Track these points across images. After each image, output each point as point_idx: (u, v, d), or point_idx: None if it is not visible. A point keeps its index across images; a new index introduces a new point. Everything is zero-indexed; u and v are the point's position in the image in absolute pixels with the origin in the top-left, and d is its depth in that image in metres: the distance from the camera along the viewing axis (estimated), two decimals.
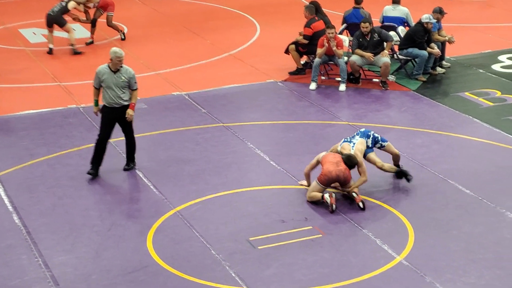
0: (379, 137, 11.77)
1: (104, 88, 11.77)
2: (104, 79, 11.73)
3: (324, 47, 15.61)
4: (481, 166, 12.30)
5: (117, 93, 11.73)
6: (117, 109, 11.83)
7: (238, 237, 10.27)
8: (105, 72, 11.75)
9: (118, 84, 11.72)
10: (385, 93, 15.66)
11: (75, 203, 11.28)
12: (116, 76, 11.73)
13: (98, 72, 11.81)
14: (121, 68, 11.75)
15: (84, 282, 9.36)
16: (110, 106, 11.81)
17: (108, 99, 11.78)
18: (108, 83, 11.72)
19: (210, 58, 17.95)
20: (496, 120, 14.11)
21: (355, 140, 11.48)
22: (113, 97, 11.74)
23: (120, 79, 11.72)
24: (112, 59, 11.68)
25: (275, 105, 15.09)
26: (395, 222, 10.65)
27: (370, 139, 11.66)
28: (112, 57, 11.68)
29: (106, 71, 11.75)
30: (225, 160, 12.61)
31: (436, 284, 9.22)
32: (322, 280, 9.32)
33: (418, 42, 15.98)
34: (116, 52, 11.65)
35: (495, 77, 16.39)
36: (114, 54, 11.65)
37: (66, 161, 12.58)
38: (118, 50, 11.68)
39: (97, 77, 11.81)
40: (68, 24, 18.21)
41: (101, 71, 11.79)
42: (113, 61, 11.69)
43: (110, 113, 11.87)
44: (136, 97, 11.95)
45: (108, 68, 11.76)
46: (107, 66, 11.77)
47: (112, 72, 11.72)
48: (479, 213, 10.86)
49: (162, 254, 9.88)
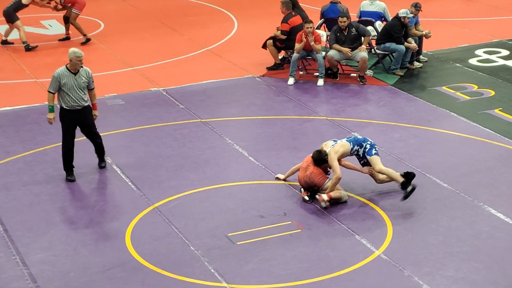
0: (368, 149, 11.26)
1: (64, 91, 11.38)
2: (64, 83, 11.34)
3: (302, 42, 15.61)
4: (458, 159, 12.36)
5: (79, 95, 11.43)
6: (79, 111, 11.51)
7: (217, 233, 10.26)
8: (65, 75, 11.36)
9: (80, 85, 11.42)
10: (363, 87, 15.69)
11: (52, 200, 11.21)
12: (76, 77, 11.40)
13: (57, 76, 11.37)
14: (81, 68, 11.44)
15: (62, 279, 9.31)
16: (72, 109, 11.46)
17: (70, 102, 11.40)
18: (70, 86, 11.36)
19: (187, 53, 17.91)
20: (473, 114, 14.18)
21: (340, 141, 11.33)
22: (76, 100, 11.41)
23: (81, 80, 11.42)
24: (72, 59, 11.31)
25: (253, 101, 15.08)
26: (373, 216, 10.67)
27: (361, 148, 11.25)
28: (71, 58, 11.31)
29: (66, 74, 11.37)
30: (203, 156, 12.58)
31: (415, 277, 9.26)
32: (301, 275, 9.32)
33: (395, 36, 16.02)
34: (76, 52, 11.30)
35: (472, 71, 16.48)
36: (74, 54, 11.29)
37: (42, 158, 12.50)
38: (78, 50, 11.33)
39: (56, 81, 11.36)
40: (19, 21, 17.89)
41: (60, 74, 11.38)
42: (73, 61, 11.33)
43: (73, 116, 11.53)
44: (96, 96, 11.80)
45: (67, 71, 11.39)
46: (66, 69, 11.40)
47: (72, 73, 11.38)
48: (456, 206, 10.91)
49: (140, 251, 9.84)
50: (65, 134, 11.62)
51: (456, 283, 9.14)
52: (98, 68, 16.93)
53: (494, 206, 10.87)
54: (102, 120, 13.85)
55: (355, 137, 11.46)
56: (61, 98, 11.46)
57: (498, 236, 10.13)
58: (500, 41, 18.44)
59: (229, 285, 9.16)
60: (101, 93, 15.26)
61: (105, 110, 14.35)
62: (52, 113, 11.64)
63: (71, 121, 11.56)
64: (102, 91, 15.42)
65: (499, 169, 12.01)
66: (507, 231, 10.24)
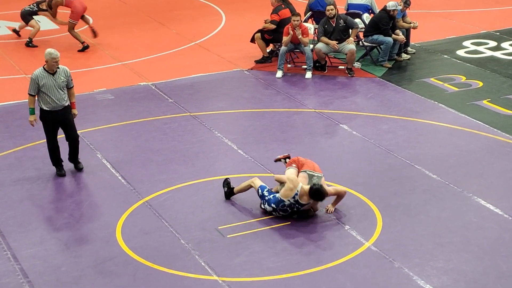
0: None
1: (44, 93, 11.28)
2: (43, 84, 11.23)
3: (290, 35, 15.62)
4: (447, 151, 12.41)
5: (59, 95, 11.33)
6: (59, 111, 11.41)
7: (207, 226, 10.28)
8: (43, 76, 11.26)
9: (59, 85, 11.32)
10: (351, 80, 15.73)
11: (43, 195, 11.21)
12: (55, 77, 11.30)
13: (35, 78, 11.27)
14: (58, 69, 11.33)
15: (54, 274, 9.31)
16: (53, 110, 11.37)
17: (50, 103, 11.31)
18: (49, 87, 11.26)
19: (176, 47, 17.90)
20: (461, 105, 14.23)
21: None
22: (56, 100, 11.32)
23: (60, 80, 11.32)
24: (48, 61, 11.23)
25: (241, 94, 15.09)
26: (363, 208, 10.71)
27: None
28: (47, 59, 11.23)
29: (44, 75, 11.27)
30: (193, 149, 12.59)
31: (405, 269, 9.30)
32: (291, 267, 9.35)
33: (383, 29, 16.06)
34: (52, 53, 11.20)
35: (460, 63, 16.53)
36: (50, 55, 11.19)
37: (33, 153, 12.49)
38: (53, 51, 11.22)
39: (35, 83, 11.27)
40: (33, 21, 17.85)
41: (39, 75, 11.28)
42: (49, 63, 11.24)
43: (53, 117, 11.44)
44: (74, 95, 11.66)
45: (44, 72, 11.30)
46: (43, 70, 11.31)
47: (50, 74, 11.28)
48: (446, 197, 10.96)
49: (131, 245, 9.86)
50: (48, 134, 11.59)
51: (446, 274, 9.19)
52: (87, 63, 16.93)
53: (483, 196, 10.93)
54: (91, 114, 13.87)
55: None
56: (41, 99, 11.37)
57: (488, 227, 10.19)
58: (487, 32, 18.49)
59: (219, 278, 9.18)
60: (90, 88, 15.28)
61: (95, 104, 14.35)
62: (33, 115, 11.55)
63: (52, 121, 11.49)
64: (91, 86, 15.43)
65: (488, 160, 12.07)
66: (496, 222, 10.30)
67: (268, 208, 10.40)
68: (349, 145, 12.75)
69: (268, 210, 10.43)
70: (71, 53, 17.39)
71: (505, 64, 16.34)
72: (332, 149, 12.60)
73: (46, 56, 11.23)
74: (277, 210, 10.36)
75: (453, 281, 9.07)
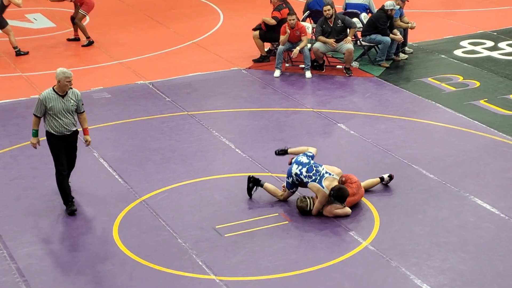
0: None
1: (51, 116, 10.34)
2: (51, 106, 10.28)
3: (287, 34, 15.62)
4: (444, 150, 12.42)
5: (68, 119, 10.41)
6: (68, 136, 10.53)
7: (205, 225, 10.27)
8: (52, 98, 10.30)
9: (68, 109, 10.38)
10: (348, 79, 15.73)
11: (39, 194, 11.19)
12: (64, 100, 10.35)
13: (43, 99, 10.30)
14: (71, 89, 10.42)
15: (50, 273, 9.30)
16: (61, 134, 10.46)
17: (58, 127, 10.40)
18: (58, 110, 10.32)
19: (173, 46, 17.89)
20: (459, 105, 14.23)
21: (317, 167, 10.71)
22: (65, 125, 10.41)
23: (69, 103, 10.37)
24: (60, 80, 10.25)
25: (239, 93, 15.08)
26: (360, 207, 10.70)
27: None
28: (60, 79, 10.24)
29: (53, 97, 10.31)
30: (190, 149, 12.58)
31: (402, 268, 9.30)
32: (289, 266, 9.35)
33: (380, 28, 16.06)
34: (65, 72, 10.24)
35: (457, 63, 16.53)
36: (63, 74, 10.22)
37: (29, 152, 12.45)
38: (67, 70, 10.28)
39: (42, 105, 10.31)
40: (8, 26, 17.03)
41: (47, 97, 10.31)
42: (61, 83, 10.26)
43: (61, 142, 10.54)
44: (86, 120, 10.77)
45: (54, 93, 10.33)
46: (53, 91, 10.35)
47: (60, 96, 10.33)
48: (443, 197, 10.96)
49: (128, 244, 9.85)
50: (57, 160, 10.62)
51: (442, 273, 9.19)
52: (84, 62, 16.90)
53: (480, 196, 10.93)
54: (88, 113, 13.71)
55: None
56: (48, 123, 10.44)
57: (485, 226, 10.19)
58: (484, 32, 18.50)
59: (217, 277, 9.18)
60: (87, 87, 15.25)
61: (91, 103, 14.32)
62: (35, 137, 10.66)
63: (61, 146, 10.57)
64: (88, 84, 15.41)
65: (485, 160, 12.07)
66: (493, 221, 10.30)
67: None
68: (346, 144, 12.75)
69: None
70: (67, 52, 17.37)
71: (502, 64, 16.34)
72: (329, 148, 12.59)
73: (59, 76, 10.24)
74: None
75: (450, 280, 9.07)
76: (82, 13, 17.78)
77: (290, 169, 10.69)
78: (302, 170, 10.54)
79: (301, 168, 10.55)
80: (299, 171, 10.54)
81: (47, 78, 15.29)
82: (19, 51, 17.20)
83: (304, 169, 10.54)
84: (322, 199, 10.36)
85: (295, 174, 10.56)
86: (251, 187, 10.94)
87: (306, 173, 10.50)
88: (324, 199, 10.36)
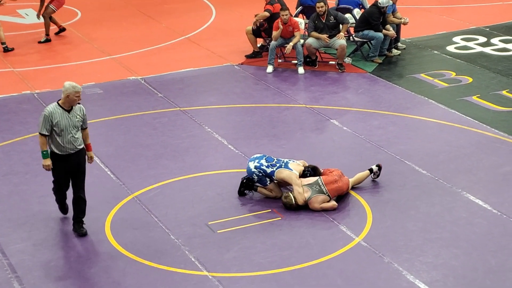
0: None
1: (56, 133, 9.55)
2: (57, 122, 9.49)
3: (279, 29, 15.61)
4: (437, 146, 12.42)
5: (74, 135, 9.62)
6: (73, 155, 9.69)
7: (197, 221, 10.26)
8: (58, 114, 9.52)
9: (75, 125, 9.61)
10: (341, 75, 15.72)
11: (31, 189, 11.16)
12: (71, 115, 9.59)
13: (49, 115, 9.50)
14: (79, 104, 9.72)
15: (42, 269, 9.27)
16: (65, 153, 9.65)
17: (63, 145, 9.59)
18: (64, 126, 9.53)
19: (165, 42, 17.85)
20: (451, 101, 14.24)
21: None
22: (70, 142, 9.60)
23: (75, 119, 9.62)
24: (70, 95, 9.48)
25: (232, 89, 15.06)
26: (353, 203, 10.71)
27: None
28: (69, 93, 9.47)
29: (58, 112, 9.52)
30: (183, 145, 12.56)
31: (394, 264, 9.31)
32: (281, 262, 9.34)
33: (373, 24, 16.05)
34: (75, 86, 9.51)
35: (450, 58, 16.54)
36: (73, 89, 9.47)
37: (21, 148, 12.43)
38: (76, 85, 9.56)
39: (48, 121, 9.49)
40: None
41: (53, 112, 9.52)
42: (71, 97, 9.49)
43: (65, 163, 9.71)
44: (89, 136, 9.98)
45: (59, 108, 9.56)
46: (57, 106, 9.57)
47: (66, 111, 9.58)
48: (435, 193, 10.97)
49: (120, 240, 9.82)
50: (58, 184, 9.98)
51: (435, 269, 9.20)
52: (76, 57, 16.85)
53: (472, 192, 10.94)
54: None
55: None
56: (51, 141, 9.62)
57: (477, 222, 10.20)
58: (477, 28, 18.51)
59: (210, 273, 9.16)
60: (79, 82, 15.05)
61: (83, 99, 14.11)
62: (47, 159, 9.70)
63: (64, 169, 9.75)
64: (80, 80, 15.34)
65: (477, 156, 12.08)
66: (485, 217, 10.31)
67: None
68: (339, 140, 12.74)
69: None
70: (59, 47, 17.32)
71: (495, 60, 16.36)
72: (322, 144, 12.59)
73: (69, 90, 9.48)
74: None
75: (442, 276, 9.08)
76: (52, 8, 17.70)
77: (247, 167, 10.74)
78: (261, 161, 10.68)
79: (258, 161, 10.70)
80: (258, 163, 10.67)
81: (39, 74, 15.25)
82: (7, 47, 17.16)
83: (263, 160, 10.69)
84: (295, 180, 10.45)
85: (255, 167, 10.64)
86: (243, 191, 10.88)
87: (267, 163, 10.65)
88: (297, 179, 10.47)
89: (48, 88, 14.89)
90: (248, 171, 10.76)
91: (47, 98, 14.17)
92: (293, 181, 10.49)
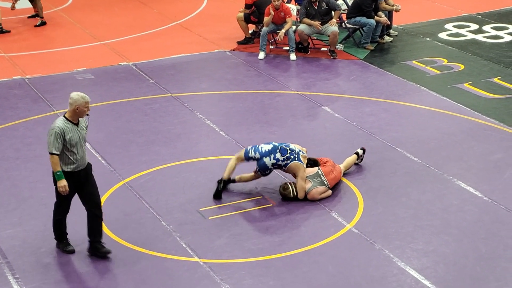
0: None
1: (69, 149, 8.78)
2: (69, 138, 8.73)
3: (271, 15, 15.57)
4: (428, 133, 12.43)
5: (84, 150, 8.94)
6: (82, 171, 8.99)
7: (188, 207, 10.25)
8: (68, 129, 8.75)
9: (84, 138, 8.95)
10: (333, 62, 15.70)
11: (22, 175, 11.12)
12: (79, 129, 8.88)
13: (60, 132, 8.68)
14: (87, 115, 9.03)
15: (33, 255, 9.25)
16: (76, 170, 8.90)
17: (75, 161, 8.86)
18: (75, 141, 8.79)
19: (157, 27, 17.78)
20: (443, 88, 14.25)
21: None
22: (82, 157, 8.92)
23: (83, 131, 8.95)
24: (79, 107, 8.74)
25: (223, 75, 15.02)
26: (344, 190, 10.71)
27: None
28: (79, 105, 8.73)
29: (69, 126, 8.76)
30: (174, 131, 12.53)
31: (385, 251, 9.32)
32: (272, 249, 9.35)
33: (365, 10, 16.02)
34: (84, 97, 8.77)
35: (441, 45, 16.54)
36: (83, 99, 8.73)
37: (11, 133, 12.39)
38: (84, 94, 8.82)
39: (59, 138, 8.68)
40: None
41: (63, 128, 8.71)
42: (80, 109, 8.75)
43: (74, 181, 8.94)
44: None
45: (68, 122, 8.78)
46: (66, 120, 8.80)
47: (74, 125, 8.83)
48: (427, 180, 10.98)
49: (112, 226, 9.81)
50: (61, 202, 9.14)
51: (426, 256, 9.22)
52: (67, 43, 16.77)
53: (463, 179, 10.96)
54: None
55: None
56: (61, 159, 8.83)
57: (468, 209, 10.22)
58: (469, 15, 18.51)
59: (201, 259, 9.16)
60: (70, 68, 15.16)
61: (74, 84, 14.23)
62: (62, 179, 8.79)
63: (71, 187, 8.93)
64: (71, 65, 15.31)
65: (469, 143, 12.10)
66: (476, 204, 10.34)
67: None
68: (331, 127, 12.74)
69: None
70: (50, 32, 17.24)
71: (487, 47, 16.36)
72: (314, 131, 12.58)
73: (78, 102, 8.73)
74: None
75: (433, 263, 9.10)
76: None
77: (263, 163, 10.42)
78: (277, 156, 10.42)
79: (273, 156, 10.42)
80: (274, 159, 10.41)
81: (29, 58, 15.16)
82: (2, 29, 17.16)
83: (278, 154, 10.44)
84: (302, 174, 10.38)
85: (272, 164, 10.43)
86: (221, 190, 10.54)
87: (282, 157, 10.42)
88: (304, 172, 10.41)
89: (39, 73, 14.83)
90: (261, 165, 10.43)
91: (38, 83, 14.12)
92: (300, 174, 10.40)
